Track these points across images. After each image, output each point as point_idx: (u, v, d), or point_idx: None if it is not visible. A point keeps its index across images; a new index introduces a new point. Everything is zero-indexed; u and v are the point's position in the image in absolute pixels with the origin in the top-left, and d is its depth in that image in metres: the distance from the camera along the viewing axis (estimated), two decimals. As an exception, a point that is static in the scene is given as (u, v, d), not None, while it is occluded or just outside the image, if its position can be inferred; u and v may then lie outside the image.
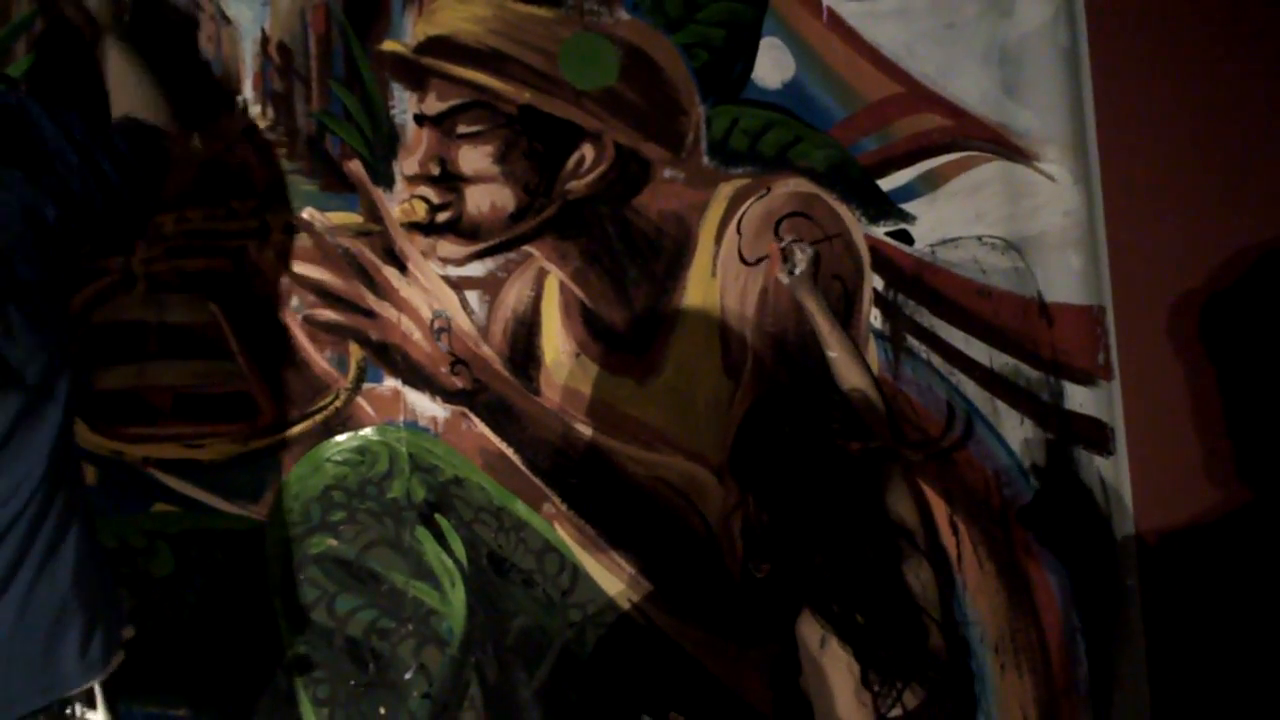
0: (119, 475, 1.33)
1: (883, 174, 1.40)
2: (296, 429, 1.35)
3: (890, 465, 1.23)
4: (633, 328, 1.39)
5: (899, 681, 1.10)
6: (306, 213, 1.35)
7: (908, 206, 1.41)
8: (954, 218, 1.41)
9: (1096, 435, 1.41)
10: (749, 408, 1.30)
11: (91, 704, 0.91)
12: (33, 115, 0.93)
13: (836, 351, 1.31)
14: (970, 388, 1.41)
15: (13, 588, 0.86)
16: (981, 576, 1.40)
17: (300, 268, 1.35)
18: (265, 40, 1.36)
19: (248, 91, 1.36)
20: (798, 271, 1.34)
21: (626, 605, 1.37)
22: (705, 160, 1.39)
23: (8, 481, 0.86)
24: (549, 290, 1.40)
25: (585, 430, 1.38)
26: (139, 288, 1.33)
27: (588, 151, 1.36)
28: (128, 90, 1.14)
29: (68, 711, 0.89)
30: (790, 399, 1.30)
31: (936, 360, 1.41)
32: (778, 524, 1.15)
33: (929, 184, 1.41)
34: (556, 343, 1.39)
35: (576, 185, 1.37)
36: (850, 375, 1.30)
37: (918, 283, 1.40)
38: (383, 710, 1.35)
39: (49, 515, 0.89)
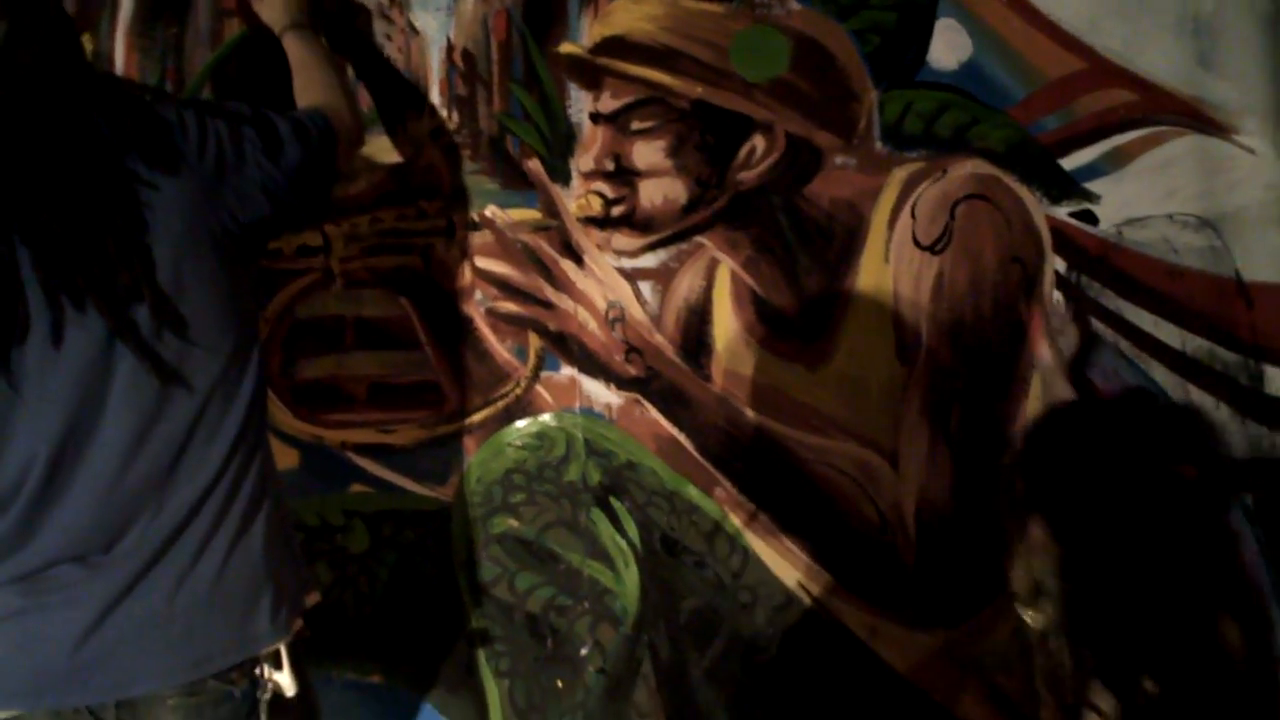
0: (320, 458, 1.43)
1: (1065, 153, 1.36)
2: (479, 415, 1.43)
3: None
4: (804, 315, 1.40)
5: None
6: (489, 210, 1.41)
7: (1092, 186, 1.36)
8: (1142, 196, 1.35)
9: (1302, 421, 1.34)
10: (1056, 411, 1.18)
11: (278, 665, 0.95)
12: (195, 121, 0.96)
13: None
14: (1160, 372, 1.36)
15: (212, 547, 0.92)
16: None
17: (483, 263, 1.42)
18: (450, 48, 1.44)
19: (434, 97, 1.44)
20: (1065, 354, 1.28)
21: (796, 588, 1.39)
22: (878, 145, 1.38)
23: (202, 453, 0.92)
24: (720, 279, 1.42)
25: (756, 416, 1.40)
26: (337, 285, 1.43)
27: (759, 142, 1.37)
28: (307, 80, 1.18)
29: (257, 671, 0.93)
30: (1109, 410, 1.17)
31: (1125, 345, 1.36)
32: (1071, 551, 1.02)
33: (1115, 162, 1.36)
34: (728, 331, 1.42)
35: (748, 176, 1.38)
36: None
37: (1103, 264, 1.36)
38: (560, 684, 1.41)
39: (245, 483, 0.95)
